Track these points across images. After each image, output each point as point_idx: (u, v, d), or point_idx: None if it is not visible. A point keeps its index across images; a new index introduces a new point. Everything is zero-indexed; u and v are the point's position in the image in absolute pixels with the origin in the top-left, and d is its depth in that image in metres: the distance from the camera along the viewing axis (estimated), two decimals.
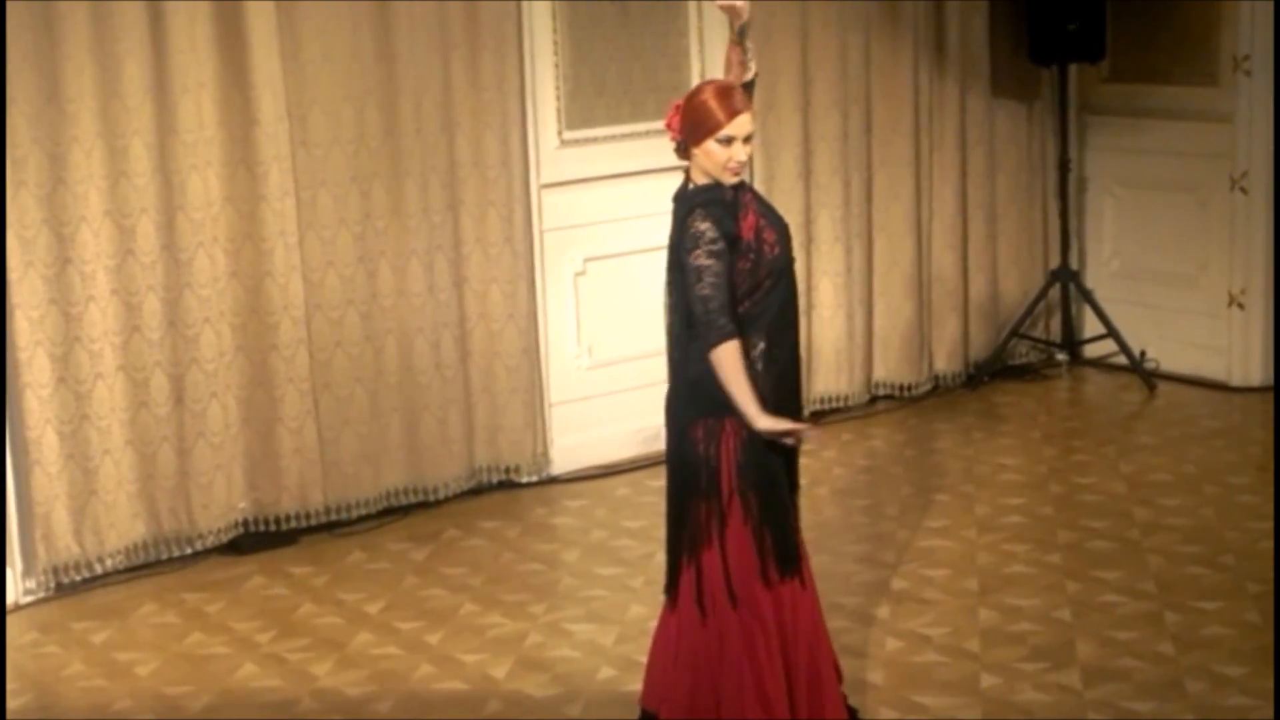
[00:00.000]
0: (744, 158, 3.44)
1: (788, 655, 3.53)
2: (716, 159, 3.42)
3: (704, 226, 3.38)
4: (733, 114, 3.40)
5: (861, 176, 6.43)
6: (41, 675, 4.45)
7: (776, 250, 3.45)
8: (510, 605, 4.77)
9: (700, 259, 3.36)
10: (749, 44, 3.58)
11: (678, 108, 3.51)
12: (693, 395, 3.47)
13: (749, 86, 3.61)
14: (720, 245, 3.37)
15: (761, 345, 3.47)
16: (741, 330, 3.43)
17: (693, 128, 3.44)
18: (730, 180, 3.45)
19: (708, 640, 3.52)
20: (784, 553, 3.51)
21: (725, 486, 3.46)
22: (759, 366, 3.47)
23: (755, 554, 3.48)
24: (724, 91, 3.44)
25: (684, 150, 3.50)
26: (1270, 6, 6.33)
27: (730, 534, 3.48)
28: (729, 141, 3.41)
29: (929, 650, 4.33)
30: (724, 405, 3.44)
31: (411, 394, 5.52)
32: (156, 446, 5.08)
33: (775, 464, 3.50)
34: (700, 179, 3.48)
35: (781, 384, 3.52)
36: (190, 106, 5.01)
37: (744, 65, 3.59)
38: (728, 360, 3.34)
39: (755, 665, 3.48)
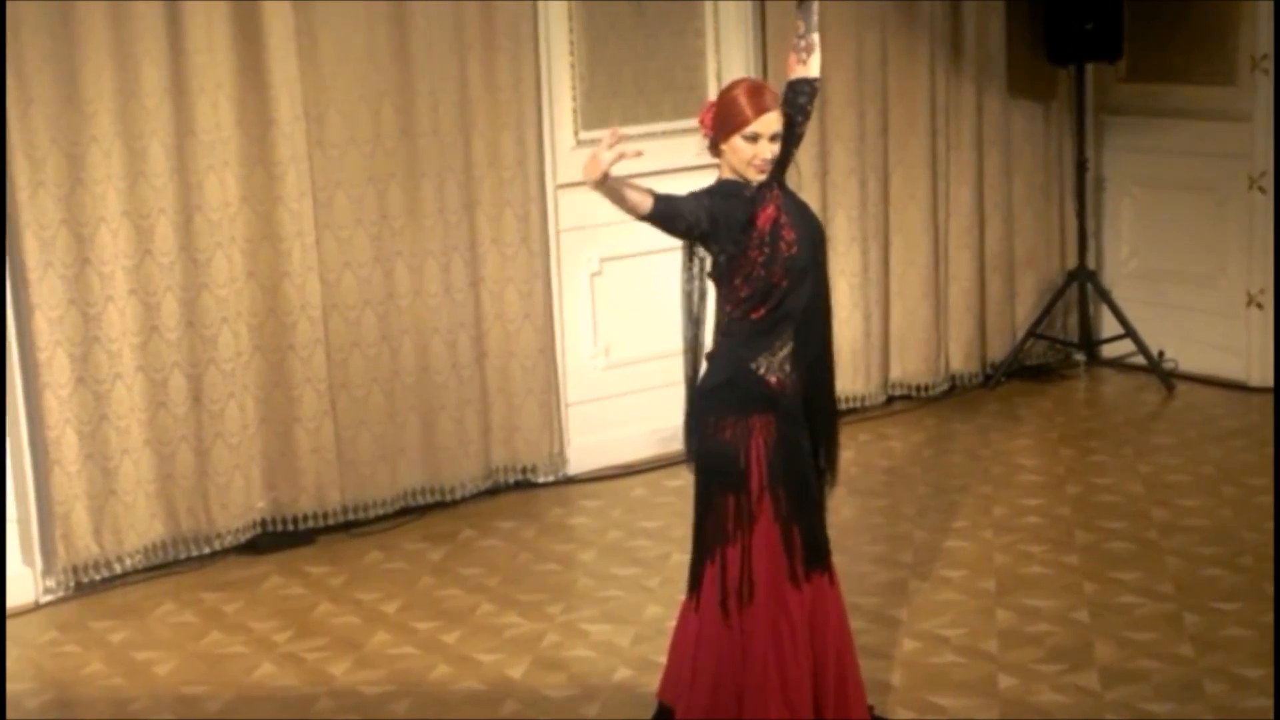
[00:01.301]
0: (769, 155, 3.44)
1: (815, 653, 3.53)
2: (742, 155, 3.43)
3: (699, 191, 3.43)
4: (760, 111, 3.41)
5: (878, 177, 6.42)
6: (61, 674, 4.46)
7: (795, 250, 3.44)
8: (527, 605, 4.77)
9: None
10: (806, 28, 3.57)
11: (711, 105, 3.51)
12: (721, 397, 3.49)
13: (810, 87, 3.59)
14: (704, 198, 3.39)
15: (791, 345, 3.48)
16: (769, 332, 3.45)
17: (721, 123, 3.45)
18: (756, 177, 3.45)
19: (730, 640, 3.51)
20: (814, 548, 3.52)
21: (755, 484, 3.47)
22: (787, 367, 3.48)
23: (784, 551, 3.48)
24: (754, 89, 3.45)
25: (715, 148, 3.49)
26: None
27: (758, 531, 3.48)
28: (755, 139, 3.41)
29: (946, 651, 4.32)
30: (750, 406, 3.46)
31: (428, 394, 5.53)
32: (175, 446, 5.10)
33: (805, 460, 3.51)
34: (729, 176, 3.48)
35: (811, 382, 3.53)
36: (207, 107, 5.03)
37: (799, 55, 3.59)
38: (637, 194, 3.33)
39: (781, 664, 3.47)
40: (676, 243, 6.47)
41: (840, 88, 6.26)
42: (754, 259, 3.42)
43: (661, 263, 6.03)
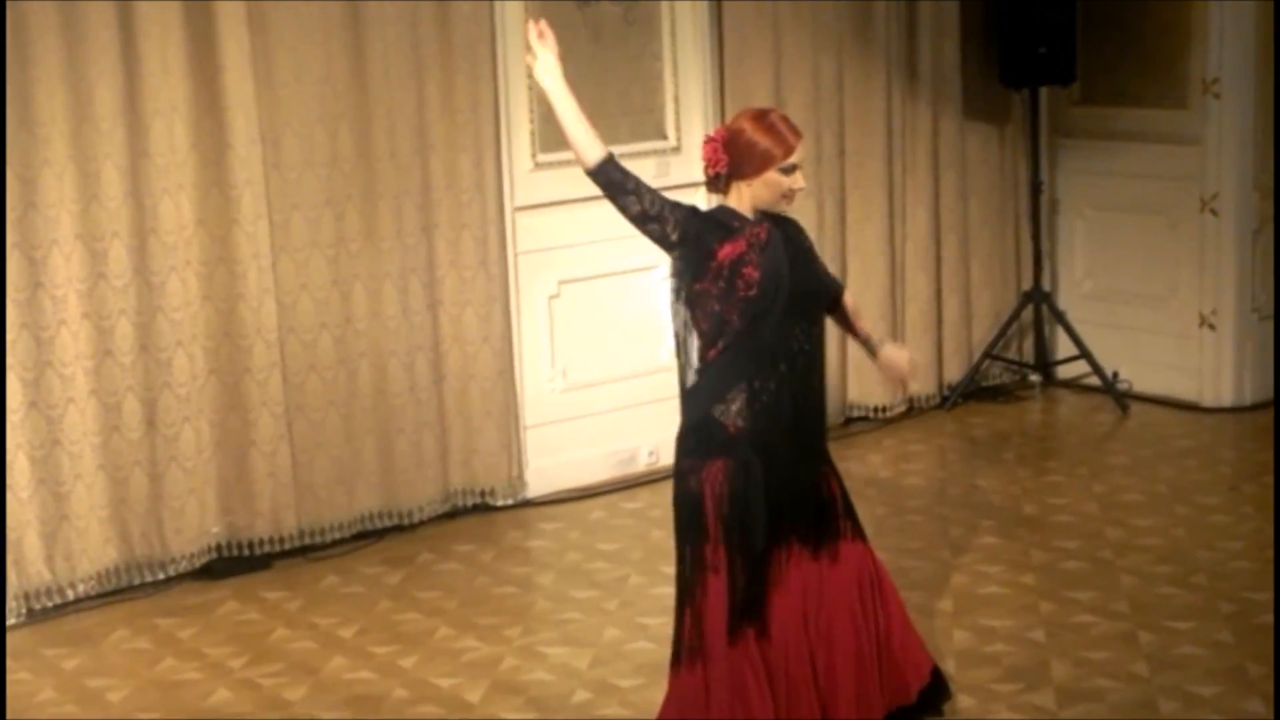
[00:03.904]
0: (803, 184, 3.45)
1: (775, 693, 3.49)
2: (779, 188, 3.42)
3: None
4: (791, 146, 3.41)
5: (835, 199, 6.45)
6: (13, 702, 4.41)
7: (754, 292, 3.38)
8: (485, 629, 4.75)
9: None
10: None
11: (711, 141, 3.47)
12: (688, 438, 3.47)
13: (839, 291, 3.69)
14: (692, 214, 3.41)
15: (747, 389, 3.41)
16: (725, 373, 3.41)
17: (748, 160, 3.41)
18: (784, 208, 3.45)
19: (694, 691, 3.47)
20: (749, 603, 3.45)
21: (711, 533, 3.43)
22: (740, 421, 3.41)
23: (728, 602, 3.44)
24: (771, 121, 3.44)
25: (726, 183, 3.46)
26: (1239, 30, 6.39)
27: (711, 582, 3.44)
28: (791, 170, 3.42)
29: None
30: (714, 449, 3.41)
31: (386, 417, 5.51)
32: (128, 471, 5.06)
33: (758, 511, 3.44)
34: (745, 209, 3.45)
35: (775, 429, 3.44)
36: (162, 130, 5.00)
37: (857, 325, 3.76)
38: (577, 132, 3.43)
39: (748, 710, 3.44)
40: (633, 265, 6.50)
41: (797, 111, 6.28)
42: (709, 291, 3.40)
43: (619, 285, 6.06)
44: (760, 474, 3.44)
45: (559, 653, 4.56)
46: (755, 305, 3.39)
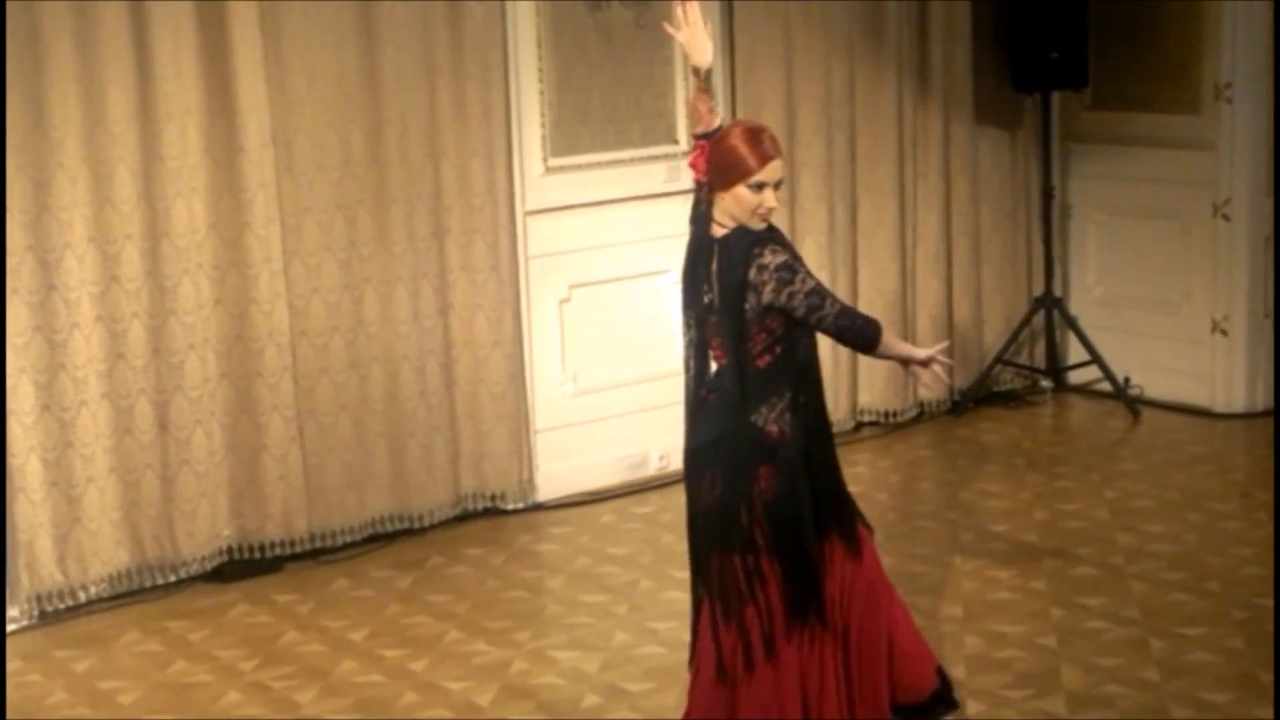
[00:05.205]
0: (774, 204, 3.40)
1: (811, 706, 3.49)
2: (747, 205, 3.38)
3: (781, 259, 3.36)
4: (765, 160, 3.37)
5: (846, 203, 6.45)
6: (24, 704, 4.42)
7: None
8: (495, 632, 4.76)
9: (804, 284, 3.35)
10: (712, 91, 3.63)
11: (701, 148, 3.46)
12: (719, 449, 3.44)
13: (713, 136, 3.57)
14: (805, 270, 3.38)
15: (789, 395, 3.43)
16: (772, 381, 3.40)
17: (722, 172, 3.40)
18: (758, 225, 3.41)
19: (768, 689, 3.46)
20: (799, 601, 3.45)
21: (761, 542, 3.42)
22: (787, 417, 3.42)
23: (785, 605, 3.44)
24: (754, 136, 3.41)
25: (710, 192, 3.45)
26: (1251, 35, 6.38)
27: (770, 589, 3.44)
28: (760, 188, 3.38)
29: None
30: (756, 457, 3.40)
31: (397, 421, 5.51)
32: (140, 474, 5.07)
33: (807, 511, 3.45)
34: (727, 221, 3.43)
35: (811, 434, 3.49)
36: (175, 133, 5.02)
37: (713, 113, 3.59)
38: (886, 340, 3.43)
39: (818, 708, 3.45)
40: (644, 269, 6.50)
41: (809, 115, 6.29)
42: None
43: (631, 289, 6.06)
44: (804, 473, 3.45)
45: (569, 657, 4.56)
46: None
